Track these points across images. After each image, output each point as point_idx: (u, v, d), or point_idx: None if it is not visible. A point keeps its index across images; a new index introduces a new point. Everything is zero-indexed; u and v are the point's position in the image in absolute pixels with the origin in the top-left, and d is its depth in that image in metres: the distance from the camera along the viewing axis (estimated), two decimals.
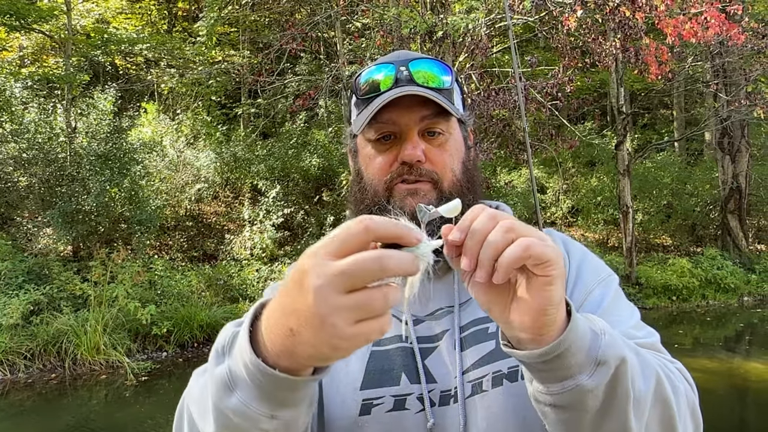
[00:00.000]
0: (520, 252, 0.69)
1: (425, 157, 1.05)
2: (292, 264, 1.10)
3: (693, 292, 13.33)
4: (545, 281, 0.71)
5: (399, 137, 1.06)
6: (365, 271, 0.61)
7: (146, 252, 11.61)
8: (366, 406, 0.98)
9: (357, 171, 1.14)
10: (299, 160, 14.22)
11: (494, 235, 0.70)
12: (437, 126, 1.07)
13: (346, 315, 0.61)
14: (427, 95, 1.03)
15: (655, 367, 0.85)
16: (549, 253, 0.70)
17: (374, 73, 1.08)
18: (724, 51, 12.70)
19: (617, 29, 9.03)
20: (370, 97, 1.07)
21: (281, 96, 15.29)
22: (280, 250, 12.69)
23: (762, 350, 10.18)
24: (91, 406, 7.71)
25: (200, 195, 13.60)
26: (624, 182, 13.49)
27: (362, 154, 1.12)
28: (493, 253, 0.70)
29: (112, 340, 8.96)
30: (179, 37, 16.37)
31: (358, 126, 1.08)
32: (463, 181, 1.09)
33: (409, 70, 1.06)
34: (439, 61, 1.11)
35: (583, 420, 0.80)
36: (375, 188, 1.08)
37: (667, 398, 0.85)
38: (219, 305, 10.50)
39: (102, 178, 10.46)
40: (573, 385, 0.77)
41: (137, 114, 14.12)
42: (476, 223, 0.72)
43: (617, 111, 13.70)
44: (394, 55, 1.14)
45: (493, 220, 0.71)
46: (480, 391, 0.98)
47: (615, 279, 1.10)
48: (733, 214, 15.46)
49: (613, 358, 0.77)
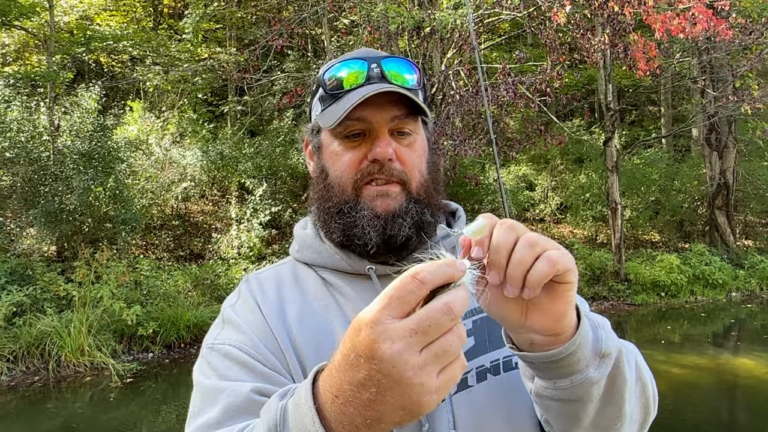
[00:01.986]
0: (549, 268, 0.71)
1: (395, 156, 1.03)
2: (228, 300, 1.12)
3: (681, 289, 13.36)
4: (566, 288, 0.75)
5: (369, 135, 1.04)
6: (438, 325, 0.61)
7: (132, 252, 11.48)
8: None
9: (321, 168, 1.10)
10: (287, 158, 14.14)
11: (521, 252, 0.72)
12: (407, 126, 1.05)
13: (431, 369, 0.61)
14: (404, 93, 1.01)
15: (633, 351, 0.93)
16: (569, 262, 0.73)
17: (343, 68, 1.06)
18: (712, 47, 12.72)
19: (606, 24, 9.00)
20: (339, 92, 1.05)
21: (269, 93, 15.18)
22: (268, 249, 12.60)
23: (750, 346, 10.21)
24: (75, 409, 7.58)
25: (187, 194, 13.46)
26: (612, 179, 13.50)
27: (328, 150, 1.09)
28: (523, 270, 0.72)
29: (97, 342, 8.82)
30: (165, 35, 16.19)
31: (330, 121, 1.04)
32: (429, 181, 1.09)
33: (381, 67, 1.05)
34: (408, 61, 1.09)
35: (587, 409, 0.84)
36: (342, 187, 1.06)
37: (645, 379, 0.94)
38: (206, 305, 10.38)
39: (85, 176, 10.31)
40: (582, 379, 0.81)
41: (122, 112, 13.96)
42: (497, 237, 0.73)
43: (605, 107, 13.70)
44: (362, 51, 1.11)
45: (513, 233, 0.73)
46: (465, 387, 0.98)
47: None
48: (720, 210, 15.53)
49: (613, 348, 0.83)
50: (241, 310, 1.06)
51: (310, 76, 11.77)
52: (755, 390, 7.93)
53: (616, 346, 0.83)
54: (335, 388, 0.65)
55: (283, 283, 1.10)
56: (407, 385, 0.60)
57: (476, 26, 9.30)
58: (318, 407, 0.67)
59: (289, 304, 1.05)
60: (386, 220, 1.02)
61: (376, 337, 0.60)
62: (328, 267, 1.09)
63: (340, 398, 0.65)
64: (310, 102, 1.17)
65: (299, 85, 11.67)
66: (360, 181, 1.04)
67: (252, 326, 1.02)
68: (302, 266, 1.14)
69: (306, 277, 1.11)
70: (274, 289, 1.09)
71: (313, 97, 1.14)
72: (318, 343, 0.99)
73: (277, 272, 1.15)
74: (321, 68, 1.14)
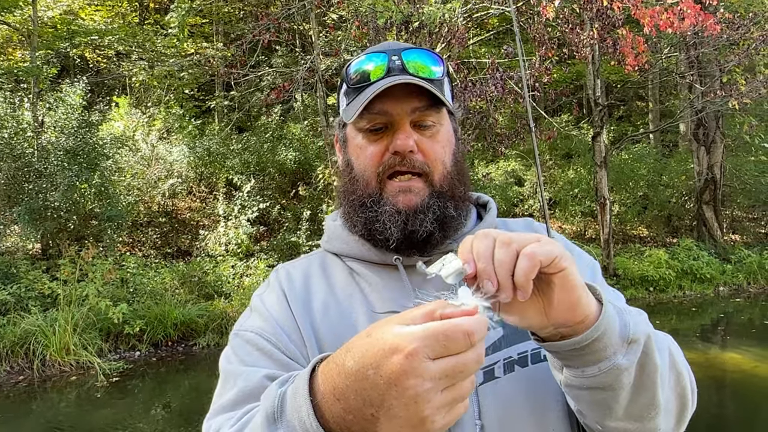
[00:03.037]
0: (529, 263, 0.72)
1: (417, 148, 1.04)
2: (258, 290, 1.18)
3: (670, 283, 13.41)
4: (563, 275, 0.75)
5: (391, 128, 1.05)
6: (467, 372, 0.64)
7: (118, 249, 11.36)
8: None
9: (347, 162, 1.12)
10: (275, 154, 14.05)
11: (498, 254, 0.73)
12: (429, 117, 1.06)
13: (444, 409, 0.64)
14: (421, 84, 1.02)
15: (665, 338, 0.93)
16: (551, 250, 0.74)
17: (365, 63, 1.07)
18: (699, 42, 12.75)
19: (595, 19, 8.98)
20: (362, 86, 1.06)
21: (256, 89, 15.06)
22: (256, 246, 12.51)
23: (738, 340, 10.25)
24: (60, 409, 7.50)
25: (174, 190, 13.34)
26: (601, 174, 13.50)
27: (352, 144, 1.11)
28: (506, 270, 0.73)
29: (83, 340, 8.71)
30: (151, 30, 16.02)
31: (350, 115, 1.06)
32: (453, 173, 1.09)
33: (401, 59, 1.05)
34: (431, 52, 1.10)
35: (618, 397, 0.84)
36: (366, 180, 1.07)
37: (680, 367, 0.93)
38: (193, 302, 10.28)
39: (70, 173, 10.17)
40: (610, 366, 0.81)
41: (108, 108, 13.80)
42: (477, 247, 0.75)
43: (594, 102, 13.70)
44: (385, 44, 1.12)
45: (488, 239, 0.75)
46: (492, 378, 0.99)
47: (598, 265, 1.18)
48: (708, 205, 15.59)
49: (642, 334, 0.83)
50: (267, 299, 1.10)
51: (297, 71, 11.68)
52: (743, 384, 7.96)
53: (645, 332, 0.83)
54: (339, 391, 0.67)
55: (311, 273, 1.13)
56: (421, 420, 0.63)
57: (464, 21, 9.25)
58: (316, 402, 0.70)
59: (315, 294, 1.09)
60: (407, 215, 1.03)
61: (409, 369, 0.61)
62: (356, 257, 1.12)
63: (341, 402, 0.67)
64: (337, 97, 1.18)
65: (287, 81, 11.58)
66: (383, 174, 1.05)
67: (276, 314, 1.06)
68: (331, 256, 1.16)
69: (333, 266, 1.14)
70: (301, 279, 1.12)
71: (339, 92, 1.15)
72: (339, 333, 1.00)
73: (307, 262, 1.17)
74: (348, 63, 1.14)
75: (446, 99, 1.06)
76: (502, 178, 15.61)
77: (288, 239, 12.40)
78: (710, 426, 6.36)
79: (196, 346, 9.78)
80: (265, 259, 11.94)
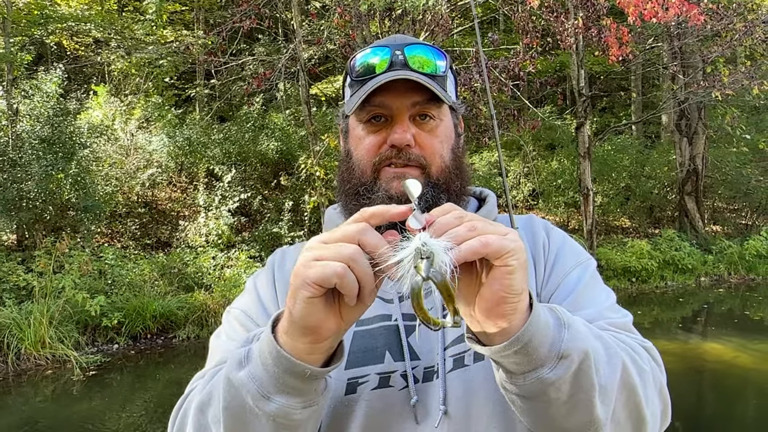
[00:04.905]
0: (478, 246, 0.72)
1: (414, 142, 1.06)
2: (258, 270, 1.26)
3: (652, 274, 13.48)
4: (505, 270, 0.74)
5: (390, 120, 1.07)
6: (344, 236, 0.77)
7: (96, 240, 11.16)
8: (351, 385, 1.00)
9: (347, 151, 1.15)
10: (256, 144, 13.88)
11: (457, 230, 0.73)
12: (429, 111, 1.08)
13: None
14: (419, 80, 1.03)
15: (620, 354, 0.87)
16: (508, 245, 0.73)
17: (370, 56, 1.09)
18: (683, 33, 12.75)
19: (579, 7, 8.91)
20: (364, 79, 1.08)
21: (238, 78, 14.84)
22: (238, 237, 12.37)
23: (718, 330, 10.32)
24: (36, 404, 7.34)
25: (153, 180, 13.13)
26: (584, 165, 13.50)
27: (352, 134, 1.13)
28: (452, 234, 0.73)
29: (59, 333, 8.54)
30: (130, 17, 15.71)
31: (350, 107, 1.08)
32: (451, 167, 1.10)
33: (404, 54, 1.07)
34: (436, 48, 1.11)
35: (549, 410, 0.83)
36: (362, 169, 1.09)
37: (633, 384, 0.88)
38: (173, 294, 10.13)
39: (45, 162, 9.94)
40: (534, 378, 0.79)
41: (85, 96, 13.52)
42: (442, 218, 0.75)
43: (578, 93, 13.67)
44: (392, 38, 1.13)
45: (459, 220, 0.75)
46: (462, 366, 1.00)
47: (593, 263, 1.16)
48: (690, 196, 15.67)
49: (576, 351, 0.79)
50: (259, 279, 1.18)
51: (279, 60, 11.50)
52: (724, 374, 7.99)
53: (582, 348, 0.80)
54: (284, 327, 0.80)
55: None
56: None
57: (448, 9, 9.14)
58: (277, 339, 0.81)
59: None
60: (399, 202, 0.99)
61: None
62: None
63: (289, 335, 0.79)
64: (342, 88, 1.20)
65: (268, 69, 11.40)
66: (379, 164, 1.07)
67: (263, 293, 1.14)
68: None
69: None
70: (293, 260, 1.16)
71: (344, 84, 1.17)
72: None
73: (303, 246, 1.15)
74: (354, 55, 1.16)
75: (446, 94, 1.07)
76: (486, 168, 15.55)
77: (270, 230, 12.27)
78: (691, 416, 6.38)
79: (176, 338, 9.64)
80: (246, 250, 11.79)
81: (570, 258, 1.13)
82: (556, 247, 1.15)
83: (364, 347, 1.03)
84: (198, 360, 1.37)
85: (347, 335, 1.02)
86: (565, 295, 1.06)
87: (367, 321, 1.06)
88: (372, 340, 1.04)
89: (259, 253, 11.76)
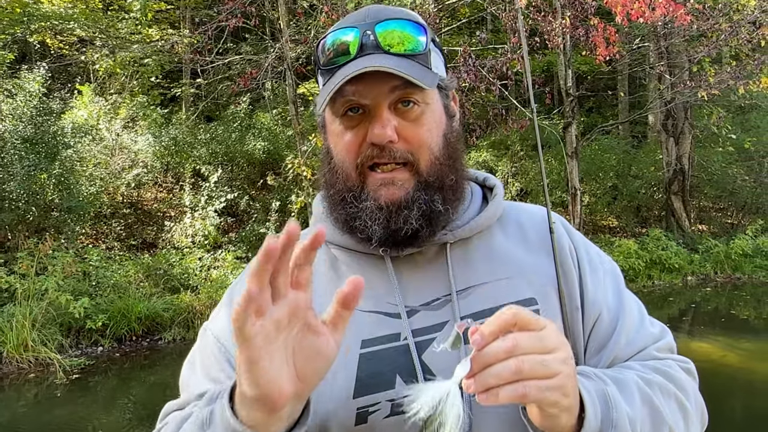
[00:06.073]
0: (516, 396, 0.71)
1: (398, 136, 0.93)
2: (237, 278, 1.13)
3: (639, 273, 13.51)
4: (547, 414, 0.77)
5: (368, 111, 0.94)
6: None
7: (80, 241, 11.02)
8: (361, 415, 0.91)
9: (326, 149, 1.03)
10: (243, 144, 13.78)
11: (501, 370, 0.71)
12: (411, 96, 0.94)
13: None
14: (392, 71, 0.89)
15: (668, 422, 0.90)
16: (549, 396, 0.73)
17: (337, 38, 0.95)
18: (669, 32, 12.79)
19: (567, 6, 8.90)
20: (332, 68, 0.95)
21: (224, 77, 14.73)
22: (224, 237, 12.27)
23: (705, 329, 10.35)
24: (18, 408, 7.22)
25: (139, 180, 12.99)
26: (572, 164, 13.52)
27: (330, 129, 1.01)
28: (494, 383, 0.71)
29: (42, 336, 8.40)
30: (115, 16, 15.53)
31: (320, 103, 0.95)
32: (442, 158, 0.97)
33: (374, 33, 0.93)
34: (412, 20, 0.97)
35: None
36: (346, 173, 0.98)
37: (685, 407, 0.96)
38: (159, 296, 10.01)
39: (28, 162, 9.80)
40: None
41: (69, 95, 13.36)
42: (490, 348, 0.72)
43: (565, 93, 13.68)
44: (362, 12, 0.98)
45: (508, 353, 0.71)
46: None
47: (618, 270, 1.14)
48: (676, 196, 15.75)
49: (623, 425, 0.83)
50: (236, 291, 1.06)
51: (266, 59, 11.41)
52: (712, 373, 7.99)
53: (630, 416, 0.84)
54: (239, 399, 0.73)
55: None
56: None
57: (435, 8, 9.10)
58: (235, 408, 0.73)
59: None
60: (390, 212, 0.94)
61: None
62: (341, 245, 1.04)
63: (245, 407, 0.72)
64: (315, 76, 1.07)
65: (254, 68, 11.31)
66: (363, 165, 0.96)
67: None
68: None
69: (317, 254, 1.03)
70: None
71: (317, 72, 1.03)
72: None
73: None
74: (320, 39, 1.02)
75: (430, 74, 0.94)
76: (474, 168, 15.52)
77: (257, 230, 12.18)
78: None
79: (162, 340, 9.53)
80: (233, 250, 11.70)
81: (599, 267, 1.09)
82: (584, 252, 1.10)
83: (372, 372, 0.93)
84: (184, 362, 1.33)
85: (352, 359, 0.94)
86: (610, 328, 1.04)
87: (374, 341, 0.96)
88: (380, 364, 0.94)
89: (246, 254, 11.66)
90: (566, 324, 1.00)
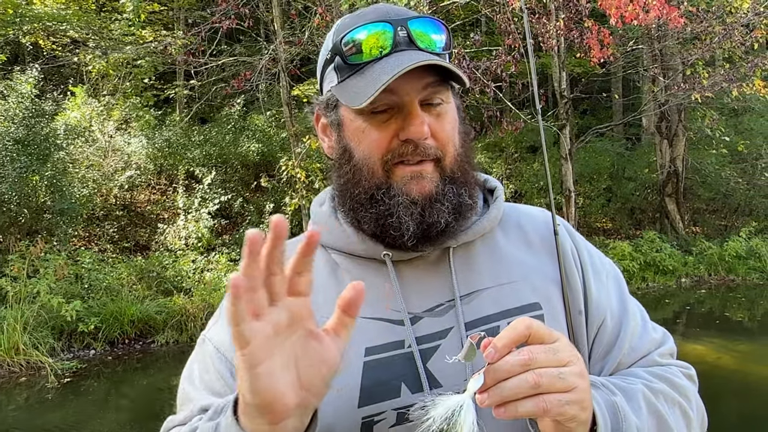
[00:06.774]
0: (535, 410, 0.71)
1: (429, 134, 0.93)
2: None
3: (633, 275, 13.52)
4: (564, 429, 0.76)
5: (397, 109, 0.92)
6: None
7: (72, 243, 10.95)
8: (367, 425, 0.90)
9: (343, 148, 0.98)
10: (237, 146, 13.75)
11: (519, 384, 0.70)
12: (438, 95, 0.94)
13: None
14: (438, 63, 0.88)
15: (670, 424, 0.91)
16: (568, 410, 0.72)
17: (364, 32, 0.92)
18: (663, 35, 12.82)
19: (562, 8, 8.90)
20: (362, 63, 0.92)
21: (218, 78, 14.69)
22: (218, 239, 12.21)
23: (699, 331, 10.36)
24: (9, 412, 7.17)
25: (132, 182, 12.93)
26: (566, 167, 13.53)
27: (351, 128, 0.96)
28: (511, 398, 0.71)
29: (33, 339, 8.34)
30: (108, 17, 15.47)
31: (358, 100, 0.90)
32: (462, 155, 0.98)
33: (408, 29, 0.92)
34: (434, 19, 0.97)
35: None
36: (372, 169, 0.94)
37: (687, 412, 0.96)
38: (152, 298, 9.95)
39: (19, 164, 9.73)
40: None
41: (62, 97, 13.30)
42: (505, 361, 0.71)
43: (559, 95, 13.70)
44: (382, 9, 0.95)
45: (524, 366, 0.71)
46: None
47: (620, 274, 1.15)
48: (670, 198, 15.79)
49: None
50: None
51: (260, 61, 11.38)
52: (707, 375, 7.99)
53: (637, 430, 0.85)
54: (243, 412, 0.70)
55: None
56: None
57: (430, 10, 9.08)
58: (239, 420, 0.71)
59: None
60: (424, 206, 0.93)
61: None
62: (341, 250, 1.01)
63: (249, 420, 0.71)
64: (321, 71, 1.01)
65: (248, 70, 11.27)
66: (390, 161, 0.93)
67: None
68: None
69: (317, 259, 1.01)
70: None
71: (327, 66, 0.99)
72: None
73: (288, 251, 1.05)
74: (334, 29, 0.98)
75: (461, 72, 0.92)
76: None
77: None
78: None
79: (155, 343, 9.47)
80: (226, 253, 11.65)
81: (601, 270, 1.09)
82: (587, 255, 1.10)
83: (377, 380, 0.91)
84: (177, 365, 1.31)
85: (355, 368, 0.92)
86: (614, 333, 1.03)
87: (377, 349, 0.94)
88: (384, 372, 0.92)
89: (239, 257, 11.58)
90: (570, 329, 0.98)
